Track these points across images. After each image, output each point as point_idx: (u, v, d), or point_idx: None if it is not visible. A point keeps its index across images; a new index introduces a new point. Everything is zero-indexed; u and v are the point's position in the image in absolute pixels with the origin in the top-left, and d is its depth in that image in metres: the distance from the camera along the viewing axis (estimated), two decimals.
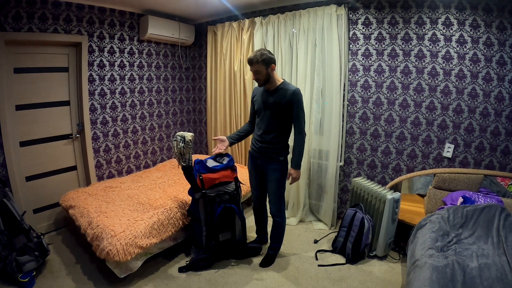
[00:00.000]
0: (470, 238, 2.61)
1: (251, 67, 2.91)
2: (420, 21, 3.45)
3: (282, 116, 2.98)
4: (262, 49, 2.94)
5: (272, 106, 2.95)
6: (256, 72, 2.90)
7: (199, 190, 3.06)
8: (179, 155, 3.02)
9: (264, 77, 2.91)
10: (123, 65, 4.47)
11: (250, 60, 2.88)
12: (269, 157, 3.07)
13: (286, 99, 2.89)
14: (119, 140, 4.57)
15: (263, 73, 2.88)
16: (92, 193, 3.69)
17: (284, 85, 2.98)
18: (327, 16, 3.78)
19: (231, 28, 4.63)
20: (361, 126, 3.99)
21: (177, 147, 2.99)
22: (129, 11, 4.42)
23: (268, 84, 2.97)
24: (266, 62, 2.84)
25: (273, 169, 3.08)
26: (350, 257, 3.29)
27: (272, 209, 3.19)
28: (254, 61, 2.85)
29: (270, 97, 2.97)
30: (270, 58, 2.87)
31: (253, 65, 2.87)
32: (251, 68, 2.92)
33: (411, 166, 3.76)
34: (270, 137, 3.02)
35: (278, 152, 3.06)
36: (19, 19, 3.36)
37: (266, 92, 3.03)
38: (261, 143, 3.08)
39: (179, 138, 2.98)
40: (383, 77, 3.76)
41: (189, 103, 5.69)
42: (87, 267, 3.18)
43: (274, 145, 3.04)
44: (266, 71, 2.88)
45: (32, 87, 3.63)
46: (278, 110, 2.94)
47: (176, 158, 3.08)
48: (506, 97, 3.18)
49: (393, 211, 3.19)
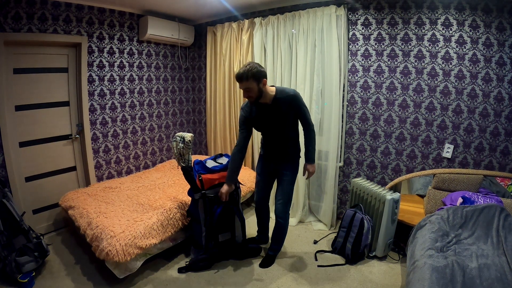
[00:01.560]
0: (469, 238, 2.61)
1: (241, 84, 2.67)
2: (419, 22, 3.45)
3: (290, 122, 2.90)
4: (250, 62, 2.70)
5: (278, 118, 2.86)
6: (247, 89, 2.68)
7: (199, 191, 3.05)
8: (178, 155, 3.01)
9: (256, 94, 2.71)
10: (123, 65, 4.47)
11: (239, 77, 2.64)
12: (285, 161, 3.08)
13: (290, 105, 2.80)
14: (119, 140, 4.57)
15: (255, 90, 2.68)
16: (91, 193, 3.69)
17: (280, 93, 2.81)
18: (326, 17, 3.78)
19: (230, 29, 4.63)
20: (361, 127, 3.99)
21: (176, 147, 2.98)
22: (129, 11, 4.42)
23: (263, 99, 2.80)
24: (257, 77, 2.64)
25: (287, 169, 3.08)
26: (349, 258, 3.29)
27: (278, 210, 3.14)
28: (243, 78, 2.63)
29: (272, 111, 2.85)
30: (260, 72, 2.66)
31: (242, 82, 2.65)
32: (241, 86, 2.69)
33: (411, 167, 3.76)
34: (284, 145, 3.01)
35: (293, 154, 3.08)
36: (18, 19, 3.36)
37: (263, 107, 2.87)
38: (276, 152, 3.07)
39: (179, 138, 2.96)
40: (382, 78, 3.76)
41: (188, 104, 5.69)
42: (86, 267, 3.18)
43: (289, 149, 3.04)
44: (257, 87, 2.69)
45: (31, 88, 3.62)
46: (285, 119, 2.86)
47: (176, 158, 3.06)
48: (505, 97, 3.18)
49: (392, 211, 3.19)
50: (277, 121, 2.88)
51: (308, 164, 3.07)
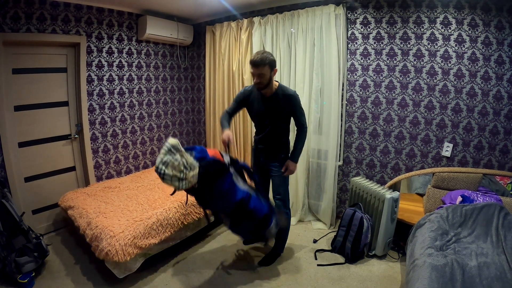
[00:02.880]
0: (469, 237, 2.61)
1: (256, 69, 2.70)
2: (418, 21, 3.45)
3: (283, 119, 2.97)
4: (265, 51, 2.77)
5: (273, 112, 2.91)
6: (260, 75, 2.72)
7: (225, 164, 2.56)
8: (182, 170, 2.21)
9: (267, 81, 2.77)
10: (122, 65, 4.46)
11: (256, 63, 2.67)
12: (272, 156, 3.09)
13: (287, 104, 2.87)
14: (118, 140, 4.57)
15: (267, 77, 2.74)
16: (91, 193, 3.69)
17: (282, 89, 2.89)
18: (325, 16, 3.78)
19: (229, 28, 4.62)
20: (360, 126, 3.99)
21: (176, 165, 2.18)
22: (128, 11, 4.41)
23: (267, 89, 2.85)
24: (272, 66, 2.73)
25: (274, 164, 3.09)
26: (349, 257, 3.29)
27: (278, 205, 3.14)
28: (260, 64, 2.67)
29: (269, 103, 2.91)
30: (274, 61, 2.76)
31: (258, 67, 2.68)
32: (256, 71, 2.71)
33: (410, 166, 3.76)
34: (272, 139, 3.04)
35: (281, 151, 3.08)
36: (17, 19, 3.36)
37: (263, 97, 2.94)
38: (264, 145, 3.10)
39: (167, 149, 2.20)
40: (381, 77, 3.76)
41: (187, 103, 5.68)
42: (86, 267, 3.18)
43: (277, 145, 3.06)
44: (269, 75, 2.75)
45: (30, 88, 3.62)
46: (279, 115, 2.92)
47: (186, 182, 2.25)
48: (504, 96, 3.19)
49: (392, 210, 3.19)
50: (270, 114, 2.94)
51: (289, 161, 3.04)
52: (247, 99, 3.04)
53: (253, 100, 3.01)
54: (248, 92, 3.04)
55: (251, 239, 3.25)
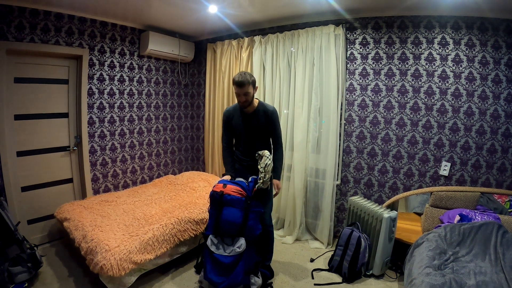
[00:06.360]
0: (467, 256, 2.59)
1: (242, 89, 2.85)
2: (416, 41, 3.52)
3: (264, 135, 3.12)
4: (245, 72, 2.96)
5: (255, 128, 3.06)
6: (246, 94, 2.87)
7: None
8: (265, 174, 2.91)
9: (251, 99, 2.95)
10: (123, 79, 4.50)
11: (241, 83, 2.83)
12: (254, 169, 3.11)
13: (268, 119, 3.03)
14: (117, 154, 4.56)
15: (251, 95, 2.92)
16: (87, 206, 3.66)
17: (262, 105, 3.07)
18: (325, 36, 3.85)
19: (230, 46, 4.69)
20: (358, 145, 4.01)
21: (268, 166, 2.90)
22: (131, 26, 4.49)
23: (249, 107, 3.01)
24: (254, 84, 2.93)
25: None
26: (346, 276, 3.25)
27: (265, 220, 3.14)
28: (245, 83, 2.83)
29: (251, 119, 3.06)
30: (255, 80, 2.95)
31: (244, 87, 2.84)
32: (241, 91, 2.86)
33: (408, 185, 3.76)
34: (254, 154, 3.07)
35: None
36: (21, 29, 3.41)
37: (244, 114, 3.08)
38: (248, 162, 3.15)
39: (268, 155, 2.94)
40: (380, 96, 3.80)
41: (187, 120, 5.71)
42: (80, 281, 3.12)
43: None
44: (253, 93, 2.94)
45: (31, 97, 3.65)
46: (261, 130, 3.06)
47: (266, 179, 2.92)
48: (501, 114, 3.23)
49: (390, 229, 3.18)
50: (254, 129, 3.06)
51: (277, 180, 3.15)
52: (230, 120, 3.15)
53: (236, 119, 3.12)
54: (229, 113, 3.17)
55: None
